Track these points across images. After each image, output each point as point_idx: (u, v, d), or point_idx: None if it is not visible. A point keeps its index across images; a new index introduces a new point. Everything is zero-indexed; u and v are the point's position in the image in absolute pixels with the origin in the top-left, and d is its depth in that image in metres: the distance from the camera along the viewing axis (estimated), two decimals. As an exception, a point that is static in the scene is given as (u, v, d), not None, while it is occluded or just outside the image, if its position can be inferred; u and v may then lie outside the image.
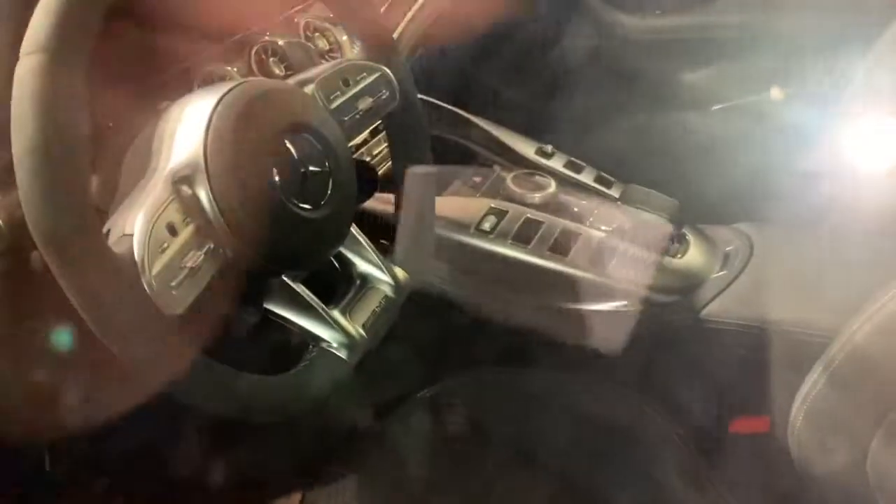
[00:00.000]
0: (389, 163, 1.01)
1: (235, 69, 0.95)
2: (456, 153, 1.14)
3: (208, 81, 0.89)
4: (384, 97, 0.74)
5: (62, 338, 0.58)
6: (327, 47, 1.13)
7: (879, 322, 0.64)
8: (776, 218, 1.02)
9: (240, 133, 0.57)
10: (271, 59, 1.02)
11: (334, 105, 0.69)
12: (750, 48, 1.36)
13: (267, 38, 1.01)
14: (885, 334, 0.64)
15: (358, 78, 0.72)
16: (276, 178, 0.59)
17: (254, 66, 0.99)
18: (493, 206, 0.98)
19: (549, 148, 1.11)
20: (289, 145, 0.61)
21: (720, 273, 0.92)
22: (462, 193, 1.08)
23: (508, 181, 1.01)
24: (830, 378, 0.68)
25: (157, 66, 0.81)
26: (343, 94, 0.70)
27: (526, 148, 1.11)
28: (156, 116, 0.61)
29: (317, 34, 1.12)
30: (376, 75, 0.74)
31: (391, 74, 0.75)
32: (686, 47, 1.40)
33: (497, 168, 1.08)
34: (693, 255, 0.94)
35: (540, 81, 1.45)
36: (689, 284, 0.91)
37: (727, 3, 1.38)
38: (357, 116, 0.71)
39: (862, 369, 0.66)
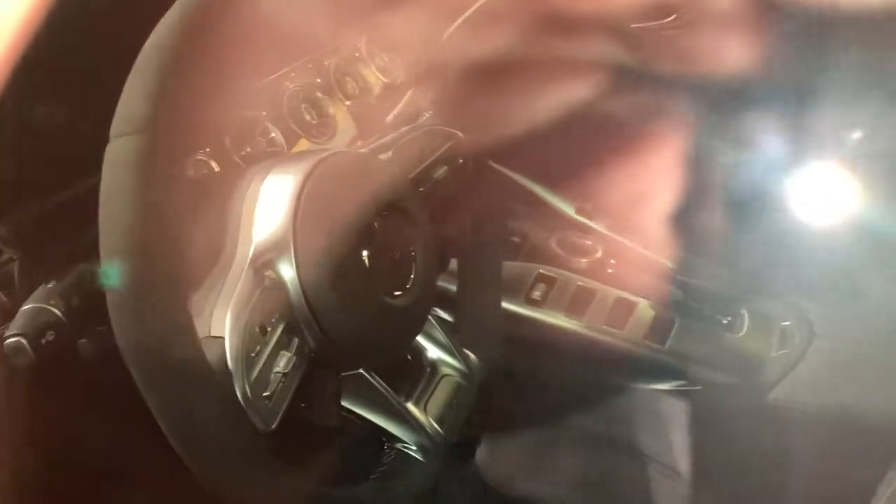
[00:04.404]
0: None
1: (264, 113, 0.88)
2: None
3: (244, 131, 0.82)
4: (459, 163, 0.68)
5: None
6: (357, 91, 1.07)
7: None
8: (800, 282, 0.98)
9: (333, 212, 0.51)
10: (302, 106, 0.95)
11: (410, 176, 0.63)
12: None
13: (293, 84, 0.95)
14: None
15: (434, 146, 0.66)
16: (366, 263, 0.52)
17: (285, 112, 0.93)
18: (542, 271, 0.92)
19: (590, 206, 1.05)
20: (376, 226, 0.54)
21: (781, 352, 0.87)
22: (501, 255, 1.02)
23: (553, 244, 0.96)
24: None
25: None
26: (420, 163, 0.64)
27: (565, 206, 1.05)
28: (225, 183, 0.53)
29: (347, 77, 1.06)
30: (451, 142, 0.67)
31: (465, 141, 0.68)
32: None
33: (536, 228, 1.02)
34: (751, 332, 0.89)
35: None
36: (750, 364, 0.86)
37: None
38: (430, 186, 0.65)
39: None
